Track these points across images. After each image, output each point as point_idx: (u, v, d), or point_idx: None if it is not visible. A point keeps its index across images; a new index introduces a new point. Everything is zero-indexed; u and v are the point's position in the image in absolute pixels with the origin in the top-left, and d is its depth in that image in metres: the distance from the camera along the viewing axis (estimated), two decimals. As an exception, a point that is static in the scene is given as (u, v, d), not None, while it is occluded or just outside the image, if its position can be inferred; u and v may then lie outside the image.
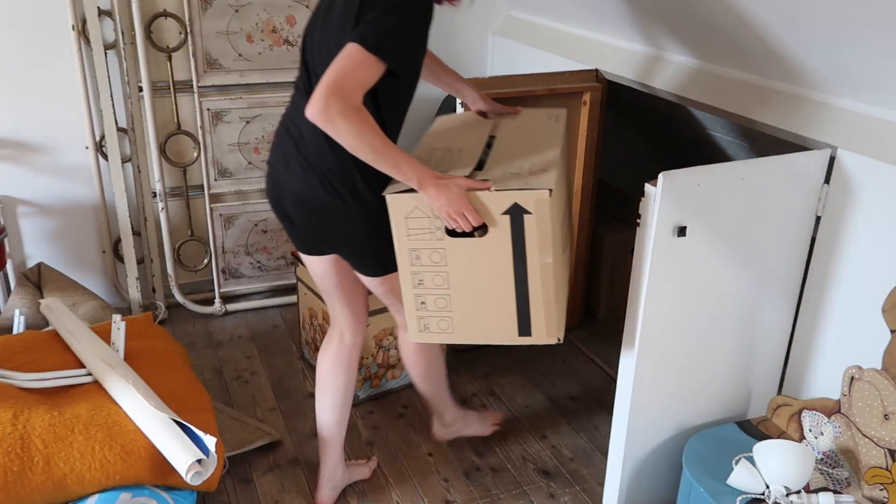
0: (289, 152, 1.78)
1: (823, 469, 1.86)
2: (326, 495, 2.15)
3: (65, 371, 2.06)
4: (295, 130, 1.77)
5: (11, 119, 2.81)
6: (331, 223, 1.79)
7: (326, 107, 1.49)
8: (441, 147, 2.00)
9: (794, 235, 1.94)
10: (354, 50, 1.52)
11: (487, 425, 2.43)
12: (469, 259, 1.75)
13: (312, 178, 1.74)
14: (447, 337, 1.87)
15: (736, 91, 2.14)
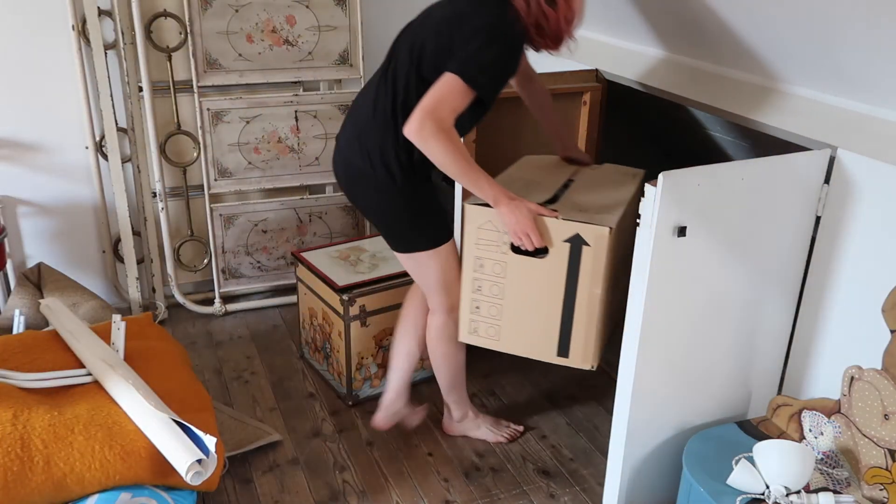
0: (348, 126, 2.02)
1: (823, 469, 1.86)
2: (381, 418, 2.34)
3: (65, 371, 2.06)
4: (356, 107, 2.02)
5: (11, 119, 2.81)
6: (365, 192, 2.01)
7: (421, 128, 1.74)
8: (522, 178, 2.22)
9: (794, 235, 1.94)
10: (452, 80, 1.75)
11: (498, 435, 2.44)
12: (526, 276, 1.94)
13: (357, 149, 1.96)
14: (492, 343, 2.07)
15: (736, 91, 2.14)
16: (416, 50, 1.88)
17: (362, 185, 2.01)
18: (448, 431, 2.46)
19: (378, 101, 1.95)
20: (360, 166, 1.97)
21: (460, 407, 2.40)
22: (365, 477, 2.30)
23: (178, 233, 3.18)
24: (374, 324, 2.54)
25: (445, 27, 1.86)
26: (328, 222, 3.26)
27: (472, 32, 1.79)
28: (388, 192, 1.97)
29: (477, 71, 1.76)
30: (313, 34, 3.01)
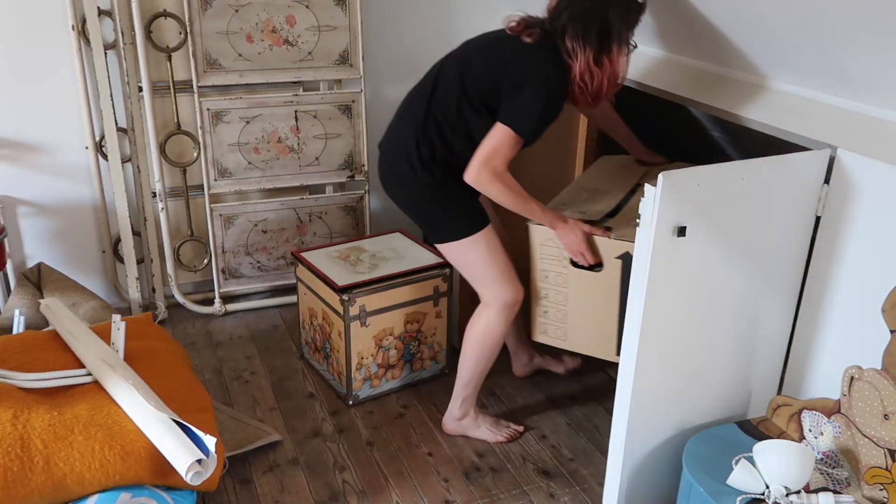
0: (391, 130, 2.24)
1: (823, 469, 1.86)
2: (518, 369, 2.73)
3: (65, 371, 2.06)
4: (400, 114, 2.23)
5: (11, 119, 2.81)
6: (403, 189, 2.21)
7: (478, 176, 2.00)
8: (590, 188, 2.42)
9: (794, 235, 1.94)
10: (505, 133, 1.97)
11: (498, 435, 2.45)
12: (586, 287, 2.17)
13: (392, 147, 2.19)
14: (559, 343, 2.31)
15: (736, 91, 2.14)
16: (468, 81, 2.06)
17: (402, 184, 2.20)
18: (447, 430, 2.47)
19: (410, 109, 2.17)
20: (400, 168, 2.17)
21: (465, 404, 2.41)
22: (365, 477, 2.30)
23: (178, 233, 3.18)
24: (374, 324, 2.54)
25: (503, 69, 2.01)
26: (328, 222, 3.26)
27: (525, 83, 1.96)
28: (415, 185, 2.16)
29: (527, 124, 1.97)
30: (313, 34, 3.01)
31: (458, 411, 2.43)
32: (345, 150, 3.18)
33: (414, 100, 2.19)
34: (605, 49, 1.94)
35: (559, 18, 1.96)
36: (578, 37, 1.93)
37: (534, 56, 1.98)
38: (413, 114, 2.15)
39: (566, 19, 1.95)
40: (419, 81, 2.22)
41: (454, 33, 3.35)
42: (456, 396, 2.42)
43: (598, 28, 1.92)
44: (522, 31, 2.02)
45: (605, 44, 1.94)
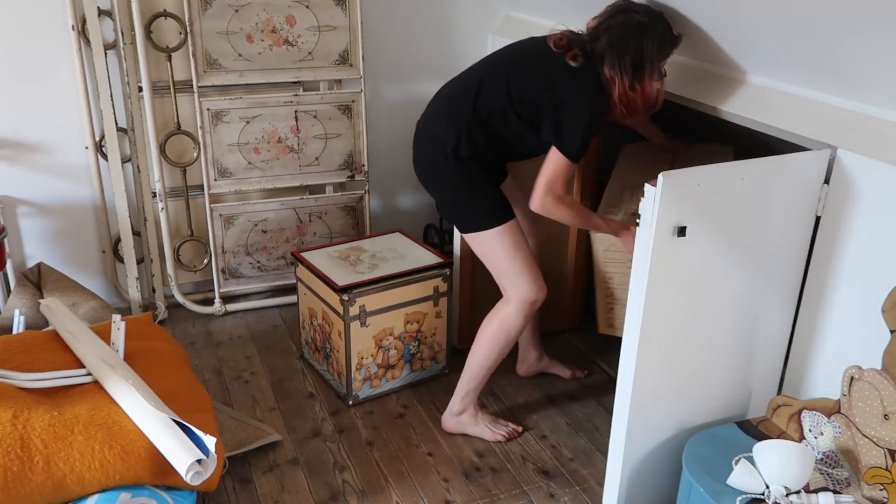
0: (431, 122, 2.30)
1: (823, 469, 1.87)
2: (522, 368, 2.78)
3: (65, 371, 2.06)
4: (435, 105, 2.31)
5: (11, 119, 2.81)
6: (437, 178, 2.29)
7: (543, 203, 2.10)
8: (630, 185, 2.47)
9: (794, 235, 1.94)
10: (561, 160, 2.08)
11: (497, 434, 2.45)
12: None
13: (432, 137, 2.25)
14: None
15: (735, 91, 2.14)
16: (514, 91, 2.12)
17: (435, 173, 2.28)
18: (445, 428, 2.47)
19: (453, 104, 2.22)
20: (432, 156, 2.25)
21: (467, 400, 2.42)
22: (365, 477, 2.30)
23: (178, 233, 3.18)
24: (373, 324, 2.54)
25: (549, 90, 2.08)
26: (328, 222, 3.26)
27: (575, 111, 2.05)
28: (449, 177, 2.24)
29: (577, 148, 2.07)
30: (313, 34, 3.01)
31: (458, 406, 2.43)
32: (345, 150, 3.18)
33: (456, 96, 2.23)
34: (638, 77, 2.02)
35: (598, 41, 2.04)
36: (615, 65, 2.01)
37: (577, 82, 2.05)
38: (456, 110, 2.19)
39: (605, 45, 2.02)
40: (460, 77, 2.27)
41: (454, 33, 3.36)
42: (459, 391, 2.42)
43: (633, 57, 2.00)
44: (567, 51, 2.07)
45: (638, 72, 2.01)
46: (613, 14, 2.05)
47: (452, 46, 3.37)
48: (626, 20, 2.02)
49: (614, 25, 2.03)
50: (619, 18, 2.04)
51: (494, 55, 2.27)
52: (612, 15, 2.05)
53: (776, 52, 1.90)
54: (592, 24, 2.10)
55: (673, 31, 2.06)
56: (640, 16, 2.02)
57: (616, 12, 2.06)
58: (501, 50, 2.27)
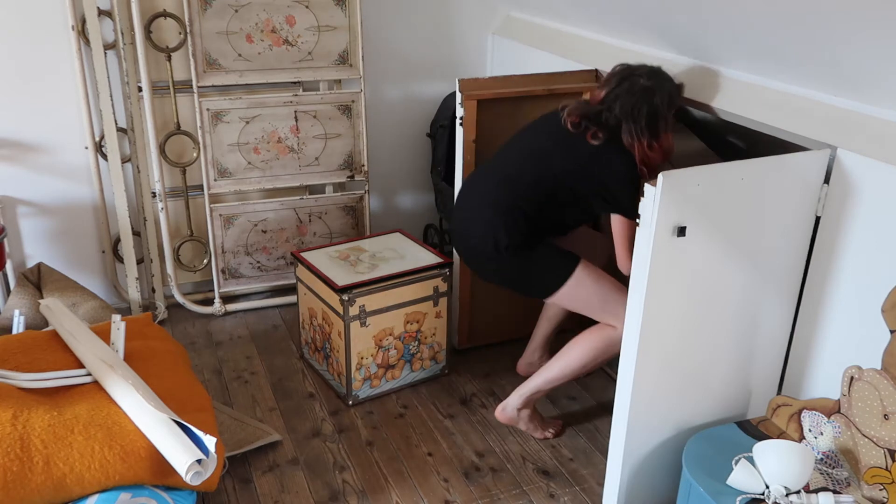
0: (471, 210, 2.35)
1: (823, 469, 1.86)
2: (522, 366, 2.76)
3: (64, 371, 2.05)
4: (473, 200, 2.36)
5: (11, 119, 2.81)
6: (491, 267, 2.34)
7: (630, 265, 2.02)
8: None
9: (794, 235, 1.94)
10: (626, 224, 2.15)
11: (546, 432, 2.48)
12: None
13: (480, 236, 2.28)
14: None
15: (736, 91, 2.14)
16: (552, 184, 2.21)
17: (485, 263, 2.34)
18: (499, 418, 2.45)
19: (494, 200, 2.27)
20: (483, 251, 2.29)
21: (531, 399, 2.41)
22: (365, 477, 2.30)
23: (178, 233, 3.18)
24: (373, 324, 2.54)
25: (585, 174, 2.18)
26: (328, 222, 3.26)
27: (617, 184, 2.14)
28: (504, 263, 2.28)
29: (631, 208, 2.06)
30: (313, 34, 3.01)
31: (520, 402, 2.40)
32: (345, 150, 3.18)
33: (495, 192, 2.28)
34: (655, 136, 2.12)
35: (611, 111, 2.13)
36: (633, 132, 2.10)
37: (607, 158, 2.14)
38: (498, 205, 2.25)
39: (618, 114, 2.11)
40: (493, 168, 2.34)
41: (454, 33, 3.36)
42: (526, 389, 2.39)
43: (647, 120, 2.10)
44: (585, 130, 2.15)
45: (654, 131, 2.11)
46: (619, 83, 2.14)
47: (452, 46, 3.37)
48: (632, 86, 2.11)
49: (622, 94, 2.12)
50: (625, 86, 2.12)
51: (520, 142, 2.32)
52: (619, 83, 2.14)
53: (776, 51, 1.90)
54: (600, 94, 2.17)
55: (675, 81, 2.17)
56: (645, 79, 2.12)
57: (621, 80, 2.14)
58: (524, 136, 2.33)
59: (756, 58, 2.01)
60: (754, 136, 2.16)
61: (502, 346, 2.94)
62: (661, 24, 2.29)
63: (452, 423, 2.54)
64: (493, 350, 2.92)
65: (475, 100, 2.56)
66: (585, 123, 2.16)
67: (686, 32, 2.20)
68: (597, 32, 2.75)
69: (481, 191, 2.34)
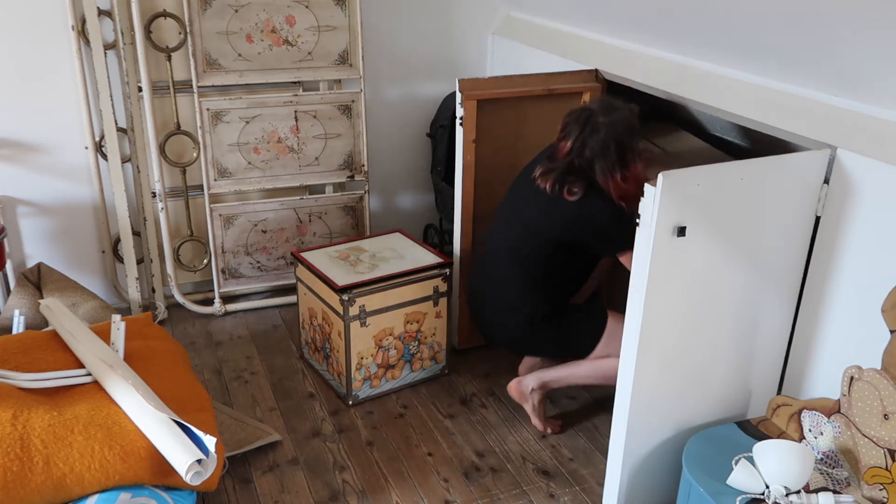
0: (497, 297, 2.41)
1: (823, 469, 1.86)
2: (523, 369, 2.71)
3: (64, 371, 2.05)
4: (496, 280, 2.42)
5: (11, 119, 2.81)
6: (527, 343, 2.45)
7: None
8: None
9: (794, 235, 1.94)
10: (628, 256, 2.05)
11: (546, 426, 2.50)
12: None
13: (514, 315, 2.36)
14: None
15: (736, 91, 2.14)
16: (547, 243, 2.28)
17: (519, 342, 2.45)
18: (512, 390, 2.48)
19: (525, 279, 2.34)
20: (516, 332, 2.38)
21: (548, 387, 2.45)
22: (365, 477, 2.30)
23: (178, 233, 3.18)
24: (373, 324, 2.54)
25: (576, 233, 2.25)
26: (328, 222, 3.26)
27: (609, 227, 2.19)
28: (539, 336, 2.37)
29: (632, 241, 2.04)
30: (313, 34, 3.01)
31: (537, 384, 2.43)
32: (345, 150, 3.18)
33: (502, 263, 2.37)
34: (626, 166, 2.13)
35: (582, 156, 2.15)
36: (605, 171, 2.12)
37: (589, 215, 2.20)
38: (509, 277, 2.35)
39: (588, 157, 2.14)
40: (492, 241, 2.42)
41: (454, 33, 3.36)
42: (550, 376, 2.42)
43: (616, 155, 2.12)
44: (560, 189, 2.20)
45: (624, 161, 2.12)
46: (582, 128, 2.15)
47: (452, 46, 3.37)
48: (594, 127, 2.13)
49: (587, 136, 2.14)
50: (587, 130, 2.14)
51: (509, 215, 2.37)
52: (581, 129, 2.15)
53: (776, 51, 1.90)
54: (567, 144, 2.18)
55: (631, 109, 2.18)
56: (601, 116, 2.14)
57: (582, 125, 2.15)
58: (511, 207, 2.37)
59: (756, 58, 2.01)
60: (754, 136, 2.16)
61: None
62: (660, 24, 2.29)
63: (452, 423, 2.54)
64: (493, 350, 2.91)
65: (475, 100, 2.56)
66: (559, 182, 2.20)
67: (686, 32, 2.20)
68: (597, 32, 2.75)
69: (493, 275, 2.41)
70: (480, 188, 2.67)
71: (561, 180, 2.20)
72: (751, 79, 2.11)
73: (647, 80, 2.45)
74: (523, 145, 2.67)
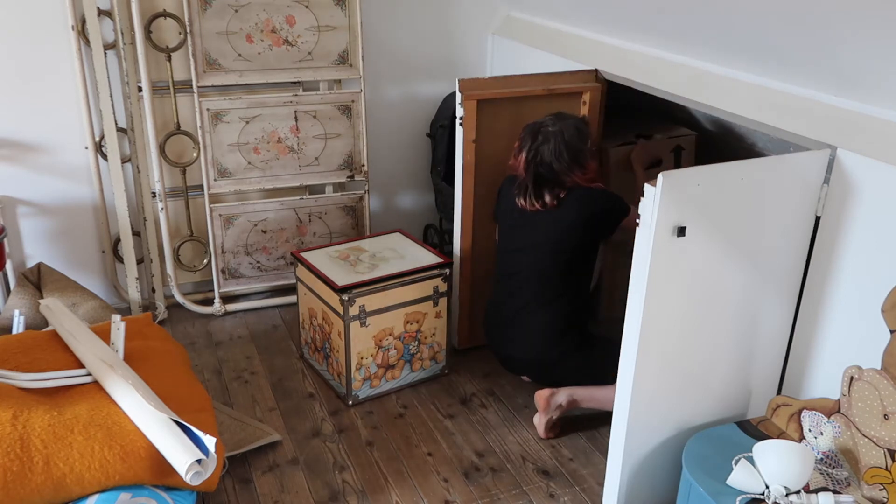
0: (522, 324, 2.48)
1: (823, 469, 1.86)
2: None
3: (64, 371, 2.05)
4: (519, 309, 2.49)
5: (11, 119, 2.81)
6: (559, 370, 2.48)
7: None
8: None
9: (794, 235, 1.94)
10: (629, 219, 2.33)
11: (550, 432, 2.49)
12: None
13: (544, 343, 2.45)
14: None
15: (736, 91, 2.14)
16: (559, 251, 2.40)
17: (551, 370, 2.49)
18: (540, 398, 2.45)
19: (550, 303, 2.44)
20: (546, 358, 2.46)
21: (572, 405, 2.45)
22: (365, 477, 2.30)
23: (178, 233, 3.18)
24: (373, 324, 2.54)
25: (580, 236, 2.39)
26: (328, 222, 3.26)
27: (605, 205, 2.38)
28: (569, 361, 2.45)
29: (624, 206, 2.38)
30: (313, 34, 3.01)
31: (566, 402, 2.43)
32: (344, 150, 3.18)
33: (523, 290, 2.46)
34: (581, 166, 2.36)
35: (542, 163, 2.35)
36: (564, 170, 2.34)
37: (579, 205, 2.36)
38: (531, 300, 2.44)
39: (547, 159, 2.34)
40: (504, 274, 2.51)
41: (454, 33, 3.36)
42: (582, 394, 2.44)
43: (569, 155, 2.34)
44: (543, 202, 2.37)
45: (579, 162, 2.36)
46: (532, 139, 2.37)
47: (452, 46, 3.37)
48: (545, 136, 2.35)
49: (539, 145, 2.36)
50: (538, 139, 2.36)
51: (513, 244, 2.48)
52: (532, 140, 2.37)
53: (776, 51, 1.90)
54: (522, 156, 2.38)
55: (577, 116, 2.46)
56: (550, 125, 2.36)
57: (533, 136, 2.37)
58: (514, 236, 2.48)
59: (756, 58, 2.01)
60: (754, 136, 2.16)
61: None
62: (660, 25, 2.29)
63: (452, 423, 2.54)
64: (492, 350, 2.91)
65: (475, 100, 2.56)
66: (537, 196, 2.37)
67: (686, 32, 2.20)
68: (597, 32, 2.75)
69: (515, 304, 2.47)
70: (480, 188, 2.68)
71: (538, 193, 2.37)
72: (751, 79, 2.11)
73: (647, 80, 2.45)
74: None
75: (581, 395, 2.43)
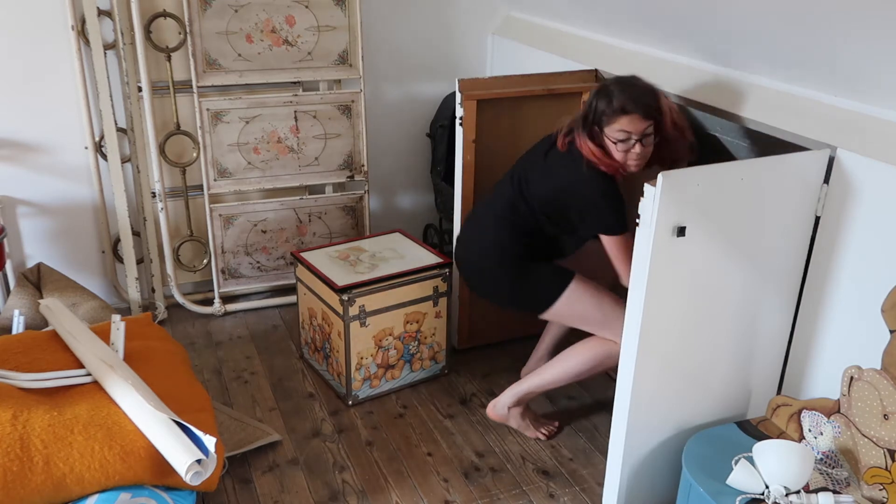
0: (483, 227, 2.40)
1: (823, 469, 1.87)
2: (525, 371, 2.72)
3: (64, 371, 2.05)
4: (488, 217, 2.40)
5: (11, 119, 2.81)
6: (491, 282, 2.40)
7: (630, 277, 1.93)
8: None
9: (794, 235, 1.94)
10: (613, 241, 2.15)
11: (539, 432, 2.48)
12: None
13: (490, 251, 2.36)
14: None
15: (736, 91, 2.14)
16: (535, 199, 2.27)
17: (486, 280, 2.41)
18: (490, 415, 2.46)
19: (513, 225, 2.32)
20: (488, 255, 2.36)
21: (524, 399, 2.42)
22: (365, 477, 2.30)
23: (178, 233, 3.18)
24: (373, 324, 2.54)
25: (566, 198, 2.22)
26: (328, 222, 3.26)
27: (590, 203, 2.16)
28: (502, 276, 2.34)
29: (616, 222, 2.14)
30: (313, 34, 3.01)
31: (512, 401, 2.41)
32: (344, 150, 3.18)
33: (497, 208, 2.35)
34: (587, 130, 2.10)
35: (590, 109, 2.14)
36: (578, 126, 2.13)
37: (566, 170, 2.18)
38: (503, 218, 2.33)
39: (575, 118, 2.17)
40: (498, 189, 2.40)
41: (454, 33, 3.36)
42: (520, 388, 2.40)
43: (584, 113, 2.12)
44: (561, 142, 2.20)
45: (590, 126, 2.10)
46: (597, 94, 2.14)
47: (452, 46, 3.37)
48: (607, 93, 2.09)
49: (596, 98, 2.12)
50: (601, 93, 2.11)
51: (523, 163, 2.36)
52: (596, 95, 2.14)
53: (776, 51, 1.90)
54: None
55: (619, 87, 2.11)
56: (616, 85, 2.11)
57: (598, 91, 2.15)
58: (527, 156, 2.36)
59: (755, 58, 2.01)
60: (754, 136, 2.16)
61: (502, 346, 2.94)
62: (660, 25, 2.29)
63: (452, 423, 2.54)
64: (492, 350, 2.92)
65: (475, 100, 2.56)
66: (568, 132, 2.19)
67: (686, 32, 2.20)
68: (597, 32, 2.75)
69: (483, 221, 2.40)
70: (480, 188, 2.68)
71: (569, 132, 2.18)
72: (751, 79, 2.11)
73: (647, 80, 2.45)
74: (523, 145, 2.66)
75: (522, 389, 2.40)
